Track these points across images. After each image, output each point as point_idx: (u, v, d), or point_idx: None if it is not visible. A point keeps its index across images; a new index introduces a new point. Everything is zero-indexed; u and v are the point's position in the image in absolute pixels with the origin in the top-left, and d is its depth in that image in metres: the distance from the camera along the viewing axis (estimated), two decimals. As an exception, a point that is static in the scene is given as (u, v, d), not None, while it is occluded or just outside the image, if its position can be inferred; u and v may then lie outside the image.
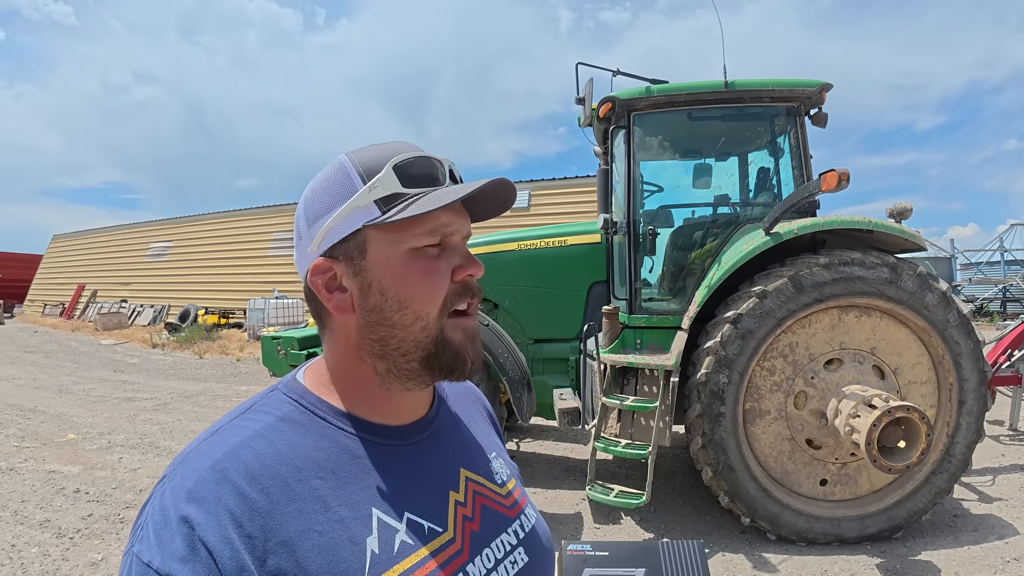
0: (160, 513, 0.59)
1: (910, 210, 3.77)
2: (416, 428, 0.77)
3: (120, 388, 9.37)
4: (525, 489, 0.90)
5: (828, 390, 3.56)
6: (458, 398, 0.91)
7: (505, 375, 3.94)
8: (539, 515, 0.87)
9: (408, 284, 0.69)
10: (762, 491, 3.61)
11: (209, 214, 21.12)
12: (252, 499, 0.59)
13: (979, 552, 3.50)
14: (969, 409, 3.65)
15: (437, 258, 0.71)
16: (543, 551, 0.82)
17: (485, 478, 0.81)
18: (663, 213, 4.64)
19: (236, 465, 0.61)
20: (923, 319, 3.56)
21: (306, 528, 0.60)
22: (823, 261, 3.54)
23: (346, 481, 0.66)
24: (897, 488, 3.69)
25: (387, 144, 0.73)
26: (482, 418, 0.95)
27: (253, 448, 0.64)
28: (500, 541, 0.76)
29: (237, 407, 0.72)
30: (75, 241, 25.75)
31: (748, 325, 3.53)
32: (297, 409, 0.70)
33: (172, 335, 15.48)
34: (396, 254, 0.70)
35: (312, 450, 0.67)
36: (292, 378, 0.76)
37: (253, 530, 0.58)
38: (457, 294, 0.72)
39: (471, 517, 0.74)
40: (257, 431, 0.66)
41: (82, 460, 5.53)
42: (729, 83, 3.97)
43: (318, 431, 0.69)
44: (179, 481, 0.61)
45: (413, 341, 0.70)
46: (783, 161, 4.32)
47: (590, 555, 0.90)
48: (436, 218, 0.70)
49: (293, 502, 0.62)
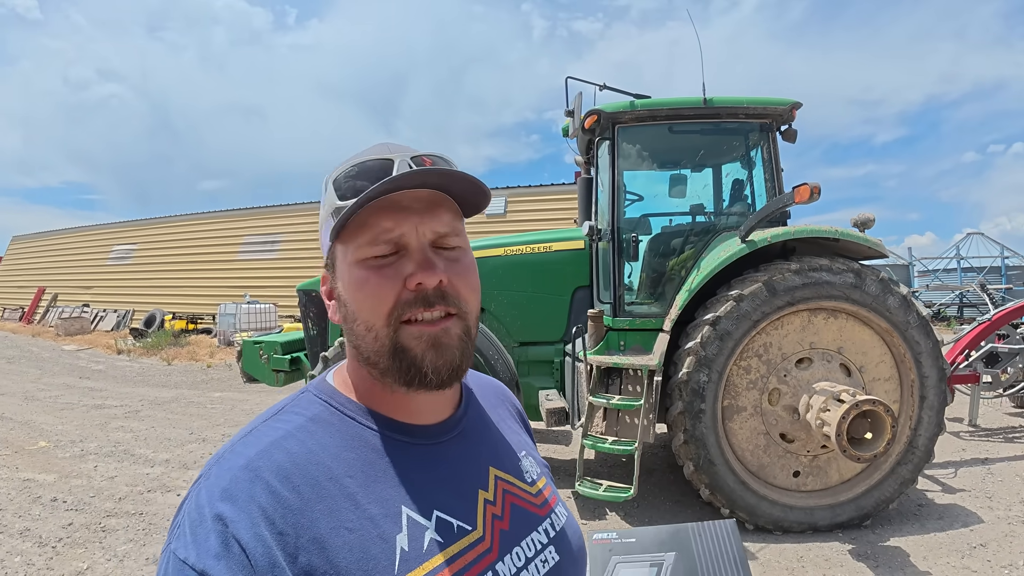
0: (196, 511, 0.60)
1: (873, 220, 4.04)
2: (443, 428, 0.77)
3: (88, 395, 9.15)
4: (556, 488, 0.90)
5: (800, 387, 3.79)
6: (487, 397, 0.91)
7: (495, 375, 4.07)
8: (570, 514, 0.86)
9: (354, 295, 0.70)
10: (740, 483, 3.81)
11: (176, 216, 20.68)
12: (284, 497, 0.61)
13: (945, 538, 3.72)
14: (930, 404, 3.91)
15: (384, 266, 0.69)
16: (574, 550, 0.81)
17: (515, 477, 0.81)
18: (643, 221, 4.85)
19: (269, 464, 0.63)
20: (886, 320, 3.82)
21: (337, 526, 0.61)
22: (794, 267, 3.77)
23: (375, 479, 0.67)
24: (865, 478, 3.93)
25: (357, 154, 0.73)
26: (511, 417, 0.94)
27: (285, 448, 0.65)
28: (530, 540, 0.76)
29: (270, 408, 0.74)
30: (35, 243, 24.92)
31: (726, 327, 3.74)
32: (327, 410, 0.72)
33: (138, 341, 15.13)
34: (347, 266, 0.70)
35: (342, 449, 0.68)
36: (322, 379, 0.78)
37: (285, 527, 0.59)
38: (409, 303, 0.68)
39: (501, 516, 0.74)
40: (289, 431, 0.68)
41: (56, 468, 5.43)
42: (708, 100, 4.21)
43: (348, 431, 0.70)
44: (214, 480, 0.62)
45: (372, 350, 0.70)
46: (756, 173, 4.57)
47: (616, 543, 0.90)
48: (375, 224, 0.68)
49: (324, 500, 0.63)
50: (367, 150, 0.74)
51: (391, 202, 0.68)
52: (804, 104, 4.28)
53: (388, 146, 0.73)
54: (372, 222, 0.68)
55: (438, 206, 0.72)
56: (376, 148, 0.73)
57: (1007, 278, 19.00)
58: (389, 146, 0.73)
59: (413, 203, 0.70)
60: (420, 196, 0.70)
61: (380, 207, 0.68)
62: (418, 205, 0.70)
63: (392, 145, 0.73)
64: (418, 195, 0.70)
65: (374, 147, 0.74)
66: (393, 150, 0.72)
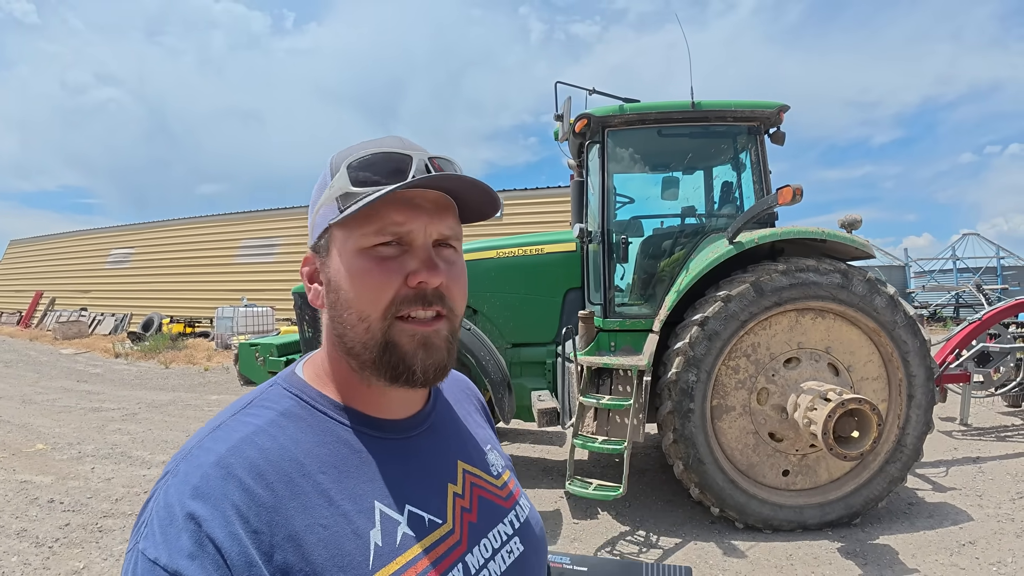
0: (165, 510, 0.58)
1: (860, 221, 4.09)
2: (413, 422, 0.77)
3: (85, 398, 9.18)
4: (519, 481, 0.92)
5: (788, 386, 3.84)
6: (452, 391, 0.92)
7: (488, 377, 4.11)
8: (532, 505, 0.88)
9: (352, 283, 0.69)
10: (730, 482, 3.85)
11: (174, 220, 20.71)
12: (258, 495, 0.60)
13: (935, 536, 3.75)
14: (918, 403, 3.95)
15: (388, 259, 0.69)
16: (537, 540, 0.83)
17: (481, 470, 0.82)
18: (634, 223, 4.89)
19: (240, 461, 0.62)
20: (873, 320, 3.86)
21: (311, 522, 0.61)
22: (781, 268, 3.82)
23: (348, 475, 0.67)
24: (854, 477, 3.97)
25: (372, 141, 0.73)
26: (476, 411, 0.96)
27: (257, 444, 0.64)
28: (497, 531, 0.77)
29: (236, 401, 0.72)
30: (33, 247, 24.93)
31: (714, 327, 3.78)
32: (298, 404, 0.71)
33: (136, 344, 15.15)
34: (347, 252, 0.70)
35: (314, 444, 0.67)
36: (291, 372, 0.77)
37: (259, 525, 0.58)
38: (407, 300, 0.68)
39: (469, 509, 0.76)
40: (260, 426, 0.66)
41: (53, 470, 5.46)
42: (696, 103, 4.25)
43: (319, 425, 0.70)
44: (183, 477, 0.61)
45: (359, 342, 0.69)
46: (745, 175, 4.62)
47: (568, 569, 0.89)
48: (385, 216, 0.68)
49: (297, 497, 0.62)
50: (381, 140, 0.73)
51: (405, 197, 0.69)
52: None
53: (402, 141, 0.73)
54: (383, 213, 0.68)
55: (445, 209, 0.73)
56: (391, 140, 0.72)
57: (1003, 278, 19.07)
58: (403, 141, 0.73)
59: (424, 202, 0.70)
60: (431, 197, 0.71)
61: (393, 200, 0.68)
62: (429, 205, 0.70)
63: (406, 141, 0.73)
64: (429, 196, 0.71)
65: (387, 138, 0.73)
66: (407, 146, 0.72)
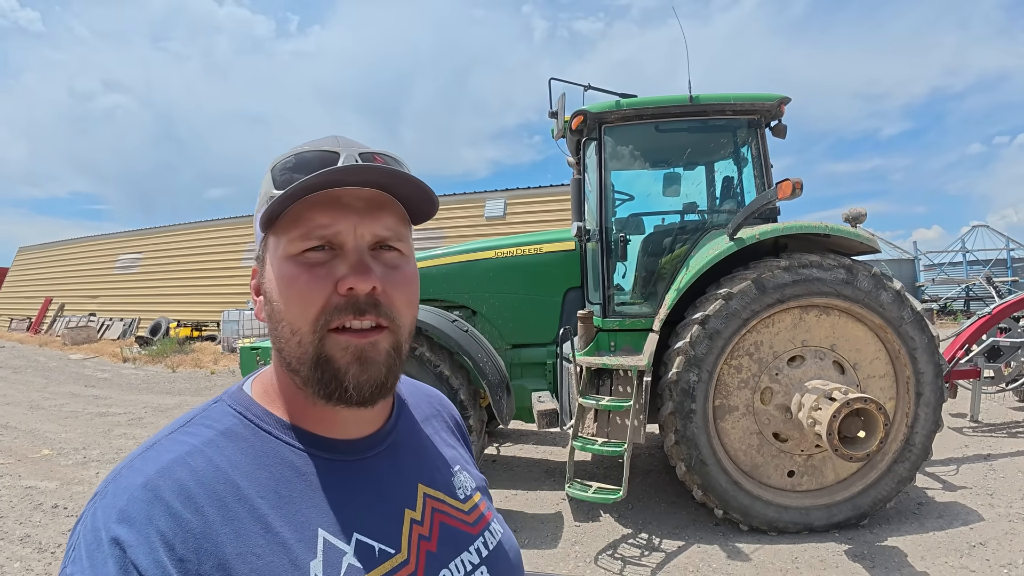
0: (91, 533, 0.56)
1: (864, 215, 3.99)
2: (369, 443, 0.72)
3: (92, 403, 9.22)
4: (492, 503, 0.86)
5: (792, 385, 3.75)
6: (421, 408, 0.86)
7: (485, 379, 4.05)
8: (507, 530, 0.82)
9: (281, 293, 0.65)
10: (733, 484, 3.77)
11: (180, 225, 20.82)
12: (185, 520, 0.57)
13: (944, 537, 3.67)
14: (927, 400, 3.85)
15: (316, 265, 0.64)
16: (509, 568, 0.77)
17: (445, 494, 0.77)
18: (634, 220, 4.82)
19: (169, 483, 0.58)
20: (879, 316, 3.78)
21: (244, 551, 0.57)
22: (784, 264, 3.73)
23: (289, 500, 0.63)
24: (861, 477, 3.88)
25: (307, 142, 0.69)
26: (446, 429, 0.90)
27: (189, 465, 0.61)
28: (460, 561, 0.71)
29: (178, 419, 0.68)
30: (42, 253, 25.12)
31: (715, 326, 3.71)
32: (241, 422, 0.67)
33: (143, 349, 15.23)
34: (276, 261, 0.66)
35: (254, 467, 0.63)
36: (239, 388, 0.72)
37: (186, 553, 0.55)
38: (338, 308, 0.63)
39: (428, 536, 0.70)
40: (195, 446, 0.63)
41: (58, 476, 5.48)
42: (694, 97, 4.17)
43: (262, 446, 0.65)
44: (110, 500, 0.58)
45: (295, 356, 0.65)
46: (746, 170, 4.54)
47: None
48: (310, 218, 0.64)
49: (230, 523, 0.59)
50: (316, 140, 0.69)
51: (330, 197, 0.64)
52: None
53: (338, 139, 0.69)
54: (307, 216, 0.63)
55: (381, 208, 0.67)
56: (325, 140, 0.69)
57: (1013, 270, 18.83)
58: (339, 139, 0.69)
59: (354, 201, 0.65)
60: (362, 195, 0.66)
61: (317, 201, 0.64)
62: (359, 204, 0.65)
63: (343, 139, 0.69)
64: (360, 194, 0.65)
65: (324, 139, 0.69)
66: (342, 144, 0.67)
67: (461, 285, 4.79)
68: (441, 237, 14.39)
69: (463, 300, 4.79)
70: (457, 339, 4.07)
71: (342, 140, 0.69)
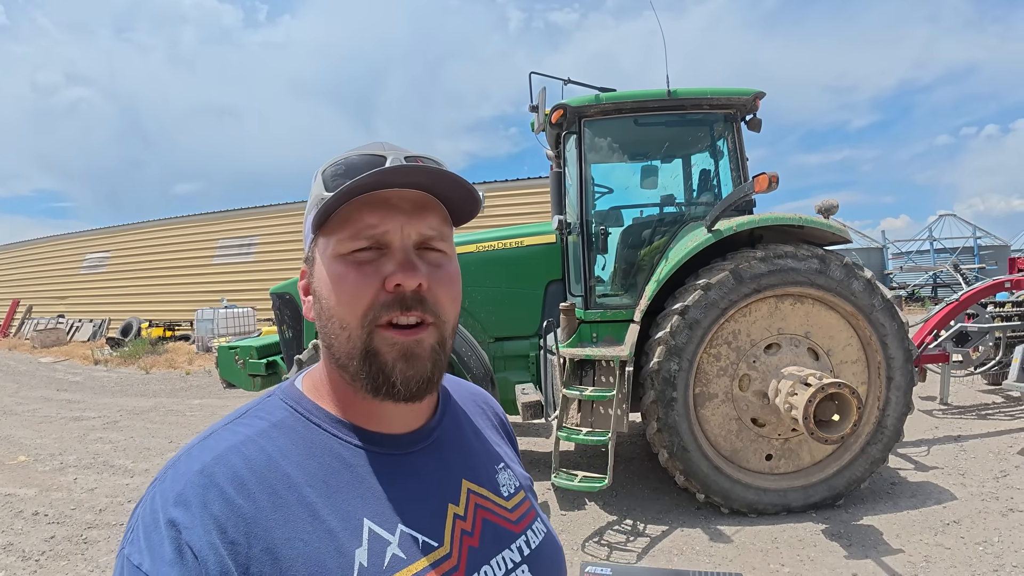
0: (150, 515, 0.59)
1: (836, 206, 4.11)
2: (415, 438, 0.74)
3: (66, 407, 9.01)
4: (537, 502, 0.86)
5: (769, 372, 3.87)
6: (467, 405, 0.88)
7: (469, 373, 4.09)
8: (551, 530, 0.82)
9: (331, 291, 0.67)
10: (714, 469, 3.88)
11: (149, 222, 20.28)
12: (238, 505, 0.59)
13: (918, 516, 3.80)
14: (897, 384, 3.99)
15: (364, 263, 0.66)
16: (550, 569, 0.77)
17: (489, 491, 0.78)
18: (613, 213, 4.89)
19: (224, 470, 0.61)
20: (851, 304, 3.90)
21: (291, 536, 0.60)
22: (759, 255, 3.84)
23: (337, 490, 0.65)
24: (836, 459, 4.01)
25: (355, 148, 0.72)
26: (492, 428, 0.91)
27: (243, 453, 0.63)
28: (501, 558, 0.72)
29: (234, 411, 0.72)
30: (7, 254, 24.34)
31: (695, 315, 3.80)
32: (292, 415, 0.70)
33: (115, 350, 14.92)
34: (326, 260, 0.68)
35: (304, 457, 0.66)
36: (291, 384, 0.75)
37: (237, 536, 0.57)
38: (386, 305, 0.65)
39: (470, 532, 0.71)
40: (249, 436, 0.66)
41: (36, 482, 5.37)
42: (672, 91, 4.25)
43: (312, 438, 0.68)
44: (168, 484, 0.61)
45: (344, 352, 0.67)
46: (723, 163, 4.63)
47: None
48: (359, 219, 0.66)
49: (280, 509, 0.61)
50: (363, 146, 0.72)
51: (378, 199, 0.67)
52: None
53: (383, 144, 0.71)
54: (356, 217, 0.66)
55: (426, 208, 0.69)
56: (372, 145, 0.71)
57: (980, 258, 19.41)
58: (384, 144, 0.71)
59: (401, 202, 0.67)
60: (408, 196, 0.68)
61: (366, 203, 0.66)
62: (406, 205, 0.68)
63: (387, 144, 0.72)
64: (407, 195, 0.68)
65: (371, 144, 0.72)
66: (387, 148, 0.70)
67: None
68: (419, 232, 14.28)
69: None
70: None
71: (387, 145, 0.72)
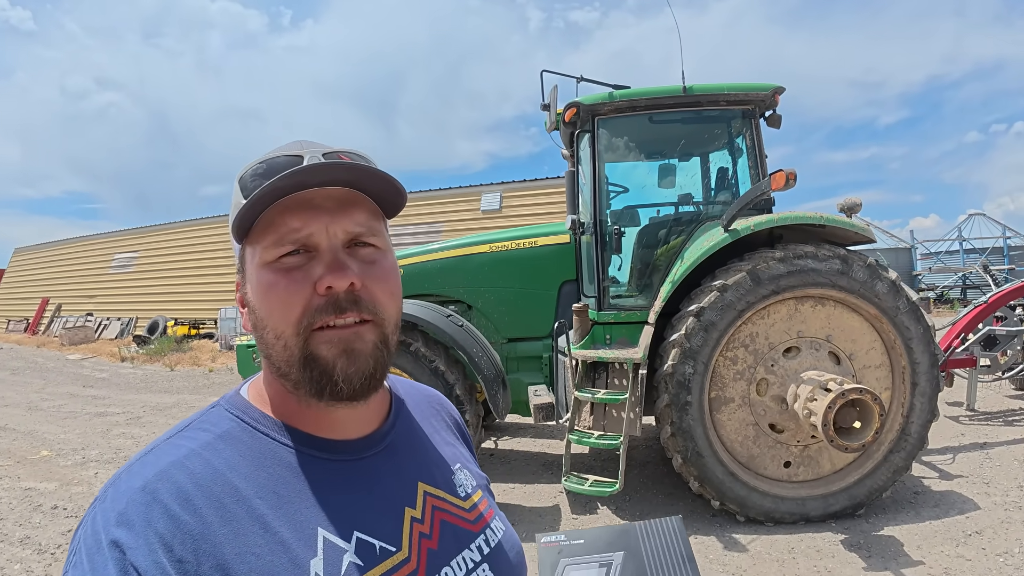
0: (92, 537, 0.57)
1: (860, 205, 3.99)
2: (368, 443, 0.73)
3: (91, 403, 9.20)
4: (495, 500, 0.87)
5: (787, 376, 3.75)
6: (420, 407, 0.87)
7: (480, 374, 4.05)
8: (509, 528, 0.83)
9: (261, 301, 0.65)
10: (730, 475, 3.78)
11: (176, 223, 20.70)
12: (183, 521, 0.57)
13: (940, 526, 3.67)
14: (922, 390, 3.85)
15: (293, 269, 0.64)
16: (511, 566, 0.78)
17: (446, 492, 0.77)
18: (629, 213, 4.81)
19: (167, 486, 0.59)
20: (874, 307, 3.77)
21: (242, 551, 0.58)
22: (778, 255, 3.72)
23: (289, 500, 0.63)
24: (857, 467, 3.88)
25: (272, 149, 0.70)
26: (446, 428, 0.90)
27: (187, 468, 0.61)
28: (461, 558, 0.72)
29: (176, 425, 0.69)
30: (38, 254, 25.01)
31: (710, 317, 3.70)
32: (239, 426, 0.67)
33: (141, 348, 15.20)
34: (255, 270, 0.66)
35: (253, 468, 0.64)
36: (236, 393, 0.73)
37: (184, 554, 0.56)
38: (320, 309, 0.64)
39: (428, 534, 0.71)
40: (193, 450, 0.63)
41: (57, 476, 5.47)
42: (687, 88, 4.15)
43: (260, 448, 0.66)
44: (109, 503, 0.59)
45: (283, 361, 0.65)
46: (741, 161, 4.52)
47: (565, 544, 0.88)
48: (282, 224, 0.64)
49: (229, 523, 0.59)
50: (281, 147, 0.69)
51: (300, 200, 0.64)
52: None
53: (301, 143, 0.69)
54: (279, 221, 0.64)
55: (352, 205, 0.67)
56: (290, 145, 0.69)
57: (1009, 258, 18.83)
58: (302, 143, 0.69)
59: (324, 201, 0.65)
60: (332, 194, 0.66)
61: (287, 206, 0.64)
62: (329, 204, 0.65)
63: (306, 142, 0.69)
64: (330, 193, 0.66)
65: (288, 144, 0.70)
66: (305, 147, 0.68)
67: (456, 279, 4.78)
68: (437, 231, 14.34)
69: (458, 295, 4.78)
70: (452, 334, 4.06)
71: (305, 143, 0.69)
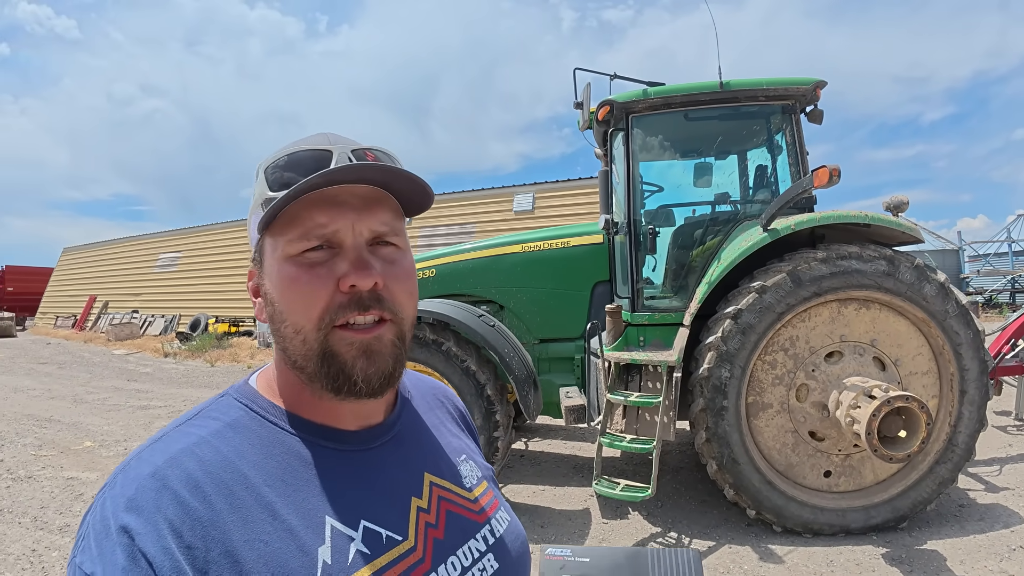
0: (100, 523, 0.57)
1: (906, 203, 3.82)
2: (375, 433, 0.74)
3: (134, 396, 9.49)
4: (500, 492, 0.87)
5: (829, 382, 3.61)
6: (426, 399, 0.88)
7: (512, 374, 4.01)
8: (514, 518, 0.84)
9: (283, 294, 0.65)
10: (767, 483, 3.66)
11: (217, 224, 21.28)
12: (193, 508, 0.57)
13: (985, 541, 3.53)
14: (971, 399, 3.68)
15: (316, 265, 0.64)
16: (515, 556, 0.78)
17: (452, 483, 0.78)
18: (664, 212, 4.72)
19: (177, 473, 0.59)
20: (922, 310, 3.61)
21: (251, 538, 0.58)
22: (820, 255, 3.59)
23: (297, 488, 0.64)
24: (901, 478, 3.72)
25: (295, 141, 0.70)
26: (452, 420, 0.91)
27: (197, 455, 0.62)
28: (467, 548, 0.73)
29: (185, 413, 0.70)
30: (85, 253, 26.02)
31: (748, 320, 3.59)
32: (247, 414, 0.68)
33: (184, 344, 15.65)
34: (276, 262, 0.66)
35: (261, 456, 0.64)
36: (244, 382, 0.74)
37: (193, 540, 0.56)
38: (342, 306, 0.64)
39: (435, 524, 0.71)
40: (202, 437, 0.64)
41: (99, 467, 5.64)
42: (724, 83, 4.04)
43: (268, 436, 0.66)
44: (119, 490, 0.59)
45: (299, 354, 0.66)
46: (781, 158, 4.38)
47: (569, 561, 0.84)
48: (308, 218, 0.64)
49: (238, 511, 0.59)
50: (306, 139, 0.69)
51: (327, 196, 0.64)
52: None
53: (328, 136, 0.69)
54: (305, 216, 0.64)
55: (377, 203, 0.68)
56: (316, 138, 0.69)
57: (1062, 261, 17.94)
58: (329, 136, 0.69)
59: (350, 199, 0.66)
60: (358, 192, 0.66)
61: (314, 201, 0.64)
62: (356, 201, 0.66)
63: (333, 136, 0.69)
64: (356, 191, 0.66)
65: (314, 136, 0.70)
66: (333, 141, 0.68)
67: (488, 280, 4.76)
68: (470, 232, 14.39)
69: (490, 295, 4.76)
70: (484, 334, 4.03)
71: (332, 137, 0.69)
